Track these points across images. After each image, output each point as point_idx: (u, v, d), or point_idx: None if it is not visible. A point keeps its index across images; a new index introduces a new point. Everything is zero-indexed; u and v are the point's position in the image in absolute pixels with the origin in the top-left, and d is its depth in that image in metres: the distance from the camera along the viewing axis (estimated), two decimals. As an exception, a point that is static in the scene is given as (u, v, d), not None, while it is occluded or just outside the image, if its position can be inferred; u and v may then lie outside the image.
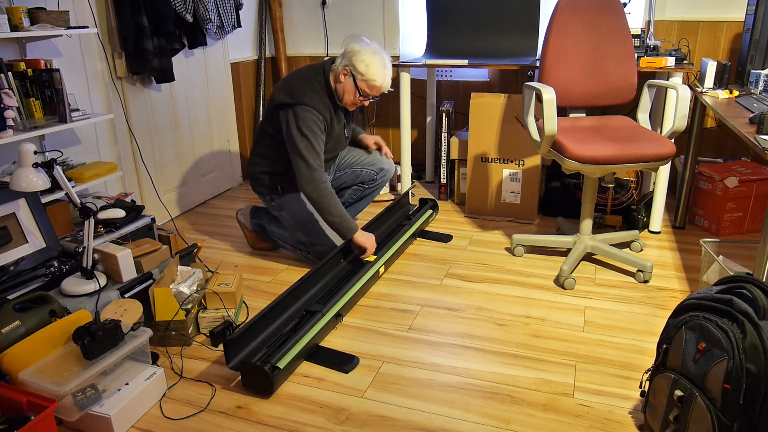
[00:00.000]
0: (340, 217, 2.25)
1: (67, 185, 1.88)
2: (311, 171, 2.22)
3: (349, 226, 2.28)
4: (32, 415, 1.40)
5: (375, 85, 2.27)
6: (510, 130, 2.96)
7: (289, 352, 1.79)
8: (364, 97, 2.31)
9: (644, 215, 2.84)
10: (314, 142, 2.23)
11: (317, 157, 2.24)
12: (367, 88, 2.27)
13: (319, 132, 2.25)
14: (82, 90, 2.56)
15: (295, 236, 2.54)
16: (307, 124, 2.22)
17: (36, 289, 1.93)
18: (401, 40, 3.67)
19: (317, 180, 2.23)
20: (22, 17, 2.06)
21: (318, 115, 2.24)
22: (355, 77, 2.25)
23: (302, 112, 2.22)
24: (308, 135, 2.21)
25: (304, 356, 1.85)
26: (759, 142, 1.65)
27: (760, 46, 2.54)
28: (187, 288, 2.06)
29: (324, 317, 1.91)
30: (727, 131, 3.22)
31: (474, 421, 1.59)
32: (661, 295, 2.25)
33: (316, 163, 2.23)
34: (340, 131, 2.43)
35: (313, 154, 2.22)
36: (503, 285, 2.37)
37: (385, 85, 2.30)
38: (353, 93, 2.29)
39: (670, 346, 1.43)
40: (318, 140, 2.24)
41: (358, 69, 2.23)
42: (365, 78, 2.24)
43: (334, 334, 2.04)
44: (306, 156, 2.22)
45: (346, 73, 2.26)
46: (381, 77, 2.26)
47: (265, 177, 2.48)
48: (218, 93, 3.50)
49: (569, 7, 2.41)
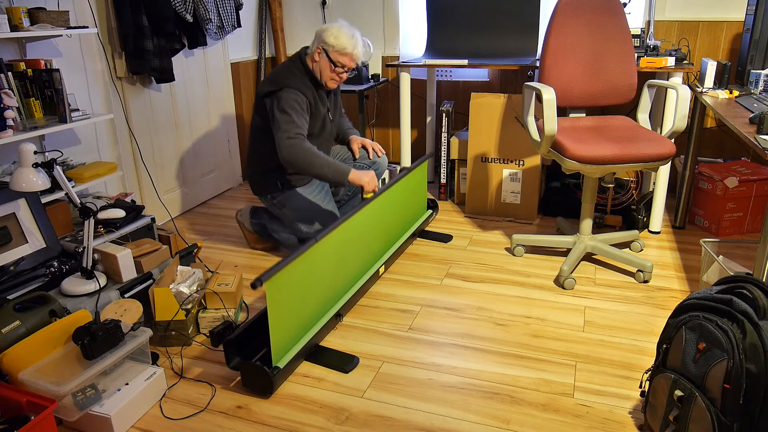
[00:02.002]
0: (327, 166, 2.27)
1: (67, 185, 1.88)
2: (289, 138, 2.25)
3: (341, 170, 2.29)
4: (32, 415, 1.40)
5: (347, 52, 2.35)
6: (510, 130, 2.96)
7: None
8: (341, 68, 2.39)
9: (644, 215, 2.84)
10: (295, 117, 2.28)
11: (297, 128, 2.28)
12: (340, 57, 2.36)
13: (301, 110, 2.32)
14: (82, 90, 2.56)
15: (298, 231, 2.55)
16: (290, 103, 2.29)
17: (36, 289, 1.93)
18: (401, 40, 3.67)
19: (294, 144, 2.25)
20: (22, 17, 2.06)
21: (300, 95, 2.33)
22: (328, 52, 2.35)
23: (285, 93, 2.30)
24: (289, 111, 2.28)
25: (304, 356, 1.86)
26: (759, 142, 1.65)
27: (760, 46, 2.54)
28: (187, 288, 2.06)
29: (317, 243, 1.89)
30: (727, 131, 3.22)
31: (474, 421, 1.59)
32: (661, 295, 2.25)
33: (294, 132, 2.27)
34: (325, 113, 2.49)
35: (293, 126, 2.27)
36: (503, 285, 2.37)
37: (356, 53, 2.39)
38: (329, 67, 2.38)
39: (670, 346, 1.43)
40: (300, 116, 2.30)
41: (328, 42, 2.34)
42: (336, 48, 2.34)
43: (334, 334, 2.04)
44: (286, 127, 2.26)
45: (320, 51, 2.36)
46: (350, 45, 2.36)
47: (262, 175, 2.51)
48: (218, 93, 3.50)
49: (569, 7, 2.41)
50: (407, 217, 2.72)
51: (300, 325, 1.85)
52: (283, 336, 1.75)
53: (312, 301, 1.91)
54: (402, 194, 2.60)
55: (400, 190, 2.58)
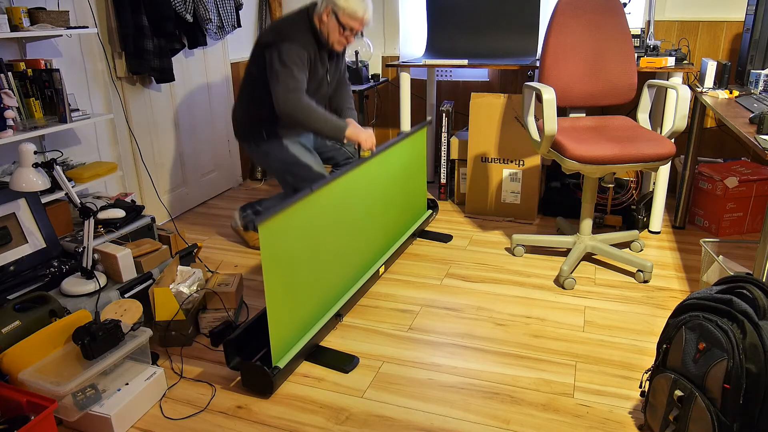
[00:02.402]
0: (324, 121, 2.26)
1: (67, 185, 1.88)
2: (288, 92, 2.24)
3: (338, 126, 2.28)
4: (32, 415, 1.40)
5: (357, 17, 2.34)
6: (510, 130, 2.96)
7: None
8: (349, 32, 2.38)
9: (644, 215, 2.84)
10: (296, 71, 2.26)
11: (297, 83, 2.26)
12: (350, 20, 2.34)
13: (302, 64, 2.29)
14: (82, 90, 2.56)
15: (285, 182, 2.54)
16: (292, 57, 2.26)
17: (36, 289, 1.93)
18: (401, 40, 3.67)
19: (294, 98, 2.24)
20: (22, 17, 2.06)
21: (302, 50, 2.30)
22: (337, 14, 2.32)
23: (287, 47, 2.27)
24: (290, 65, 2.25)
25: (304, 356, 1.86)
26: (759, 142, 1.65)
27: (760, 46, 2.54)
28: (187, 288, 2.06)
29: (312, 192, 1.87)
30: (727, 131, 3.22)
31: (474, 421, 1.59)
32: (661, 295, 2.25)
33: (294, 86, 2.25)
34: (323, 74, 2.46)
35: (293, 80, 2.25)
36: (503, 285, 2.37)
37: (366, 17, 2.38)
38: (337, 29, 2.35)
39: (670, 346, 1.43)
40: (300, 71, 2.28)
41: (338, 4, 2.31)
42: (347, 11, 2.32)
43: (334, 334, 2.04)
44: (286, 81, 2.24)
45: (329, 13, 2.34)
46: (361, 9, 2.34)
47: (249, 123, 2.47)
48: (218, 93, 3.50)
49: (569, 7, 2.41)
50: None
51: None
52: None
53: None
54: (401, 161, 2.55)
55: (399, 155, 2.53)
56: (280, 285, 1.71)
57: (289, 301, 1.76)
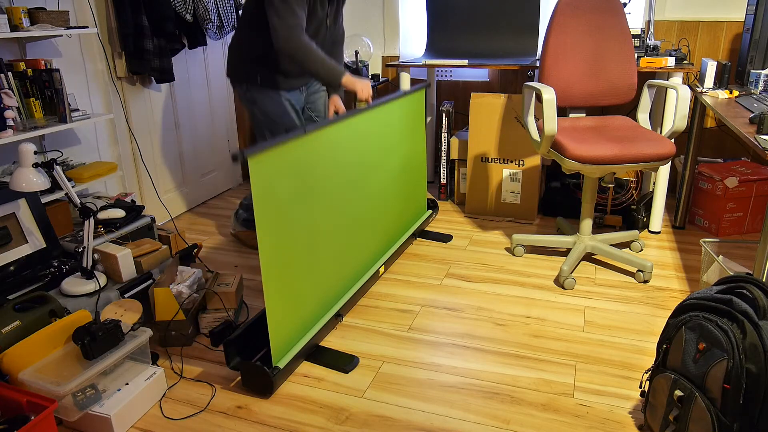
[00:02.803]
0: (322, 63, 2.17)
1: (67, 185, 1.88)
2: (288, 28, 2.13)
3: (336, 71, 2.20)
4: (32, 415, 1.40)
5: None
6: (510, 130, 2.96)
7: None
8: None
9: (644, 215, 2.84)
10: (296, 6, 2.14)
11: (297, 19, 2.15)
12: None
13: (303, 1, 2.17)
14: (82, 90, 2.56)
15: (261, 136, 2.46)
16: None
17: (36, 289, 1.93)
18: (401, 40, 3.67)
19: (292, 35, 2.13)
20: (22, 17, 2.06)
21: None
22: None
23: None
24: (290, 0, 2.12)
25: (304, 356, 1.86)
26: (759, 142, 1.65)
27: (760, 46, 2.54)
28: (187, 288, 2.06)
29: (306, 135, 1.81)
30: (727, 131, 3.22)
31: (474, 421, 1.59)
32: (661, 295, 2.25)
33: (294, 23, 2.14)
34: (323, 17, 2.36)
35: (293, 16, 2.14)
36: (503, 285, 2.37)
37: None
38: None
39: (670, 346, 1.43)
40: (300, 8, 2.16)
41: None
42: None
43: (334, 334, 2.04)
44: (285, 15, 2.12)
45: None
46: None
47: (244, 64, 2.38)
48: (218, 93, 3.50)
49: (569, 7, 2.41)
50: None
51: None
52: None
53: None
54: (397, 119, 2.51)
55: (396, 113, 2.47)
56: (266, 167, 1.62)
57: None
